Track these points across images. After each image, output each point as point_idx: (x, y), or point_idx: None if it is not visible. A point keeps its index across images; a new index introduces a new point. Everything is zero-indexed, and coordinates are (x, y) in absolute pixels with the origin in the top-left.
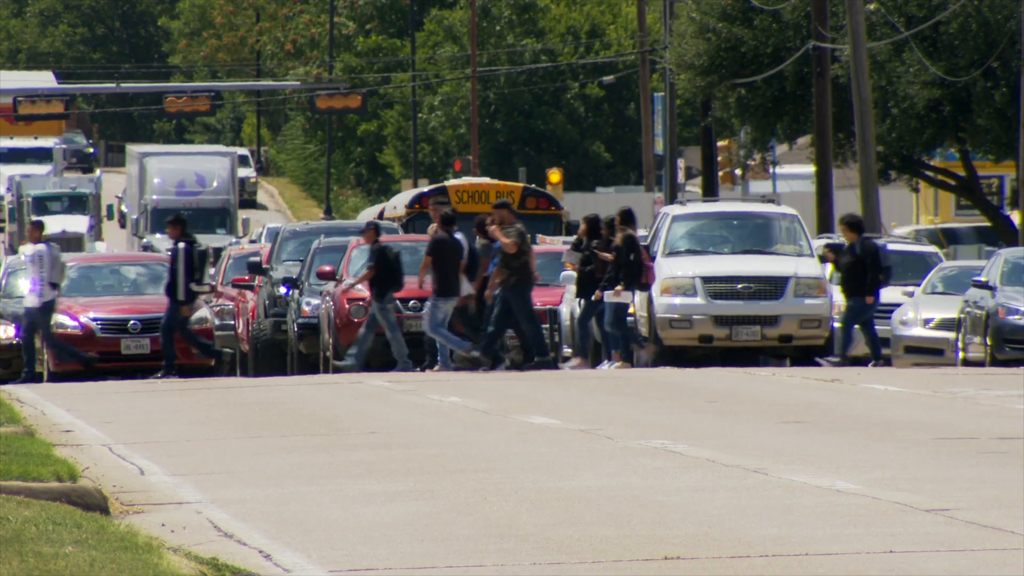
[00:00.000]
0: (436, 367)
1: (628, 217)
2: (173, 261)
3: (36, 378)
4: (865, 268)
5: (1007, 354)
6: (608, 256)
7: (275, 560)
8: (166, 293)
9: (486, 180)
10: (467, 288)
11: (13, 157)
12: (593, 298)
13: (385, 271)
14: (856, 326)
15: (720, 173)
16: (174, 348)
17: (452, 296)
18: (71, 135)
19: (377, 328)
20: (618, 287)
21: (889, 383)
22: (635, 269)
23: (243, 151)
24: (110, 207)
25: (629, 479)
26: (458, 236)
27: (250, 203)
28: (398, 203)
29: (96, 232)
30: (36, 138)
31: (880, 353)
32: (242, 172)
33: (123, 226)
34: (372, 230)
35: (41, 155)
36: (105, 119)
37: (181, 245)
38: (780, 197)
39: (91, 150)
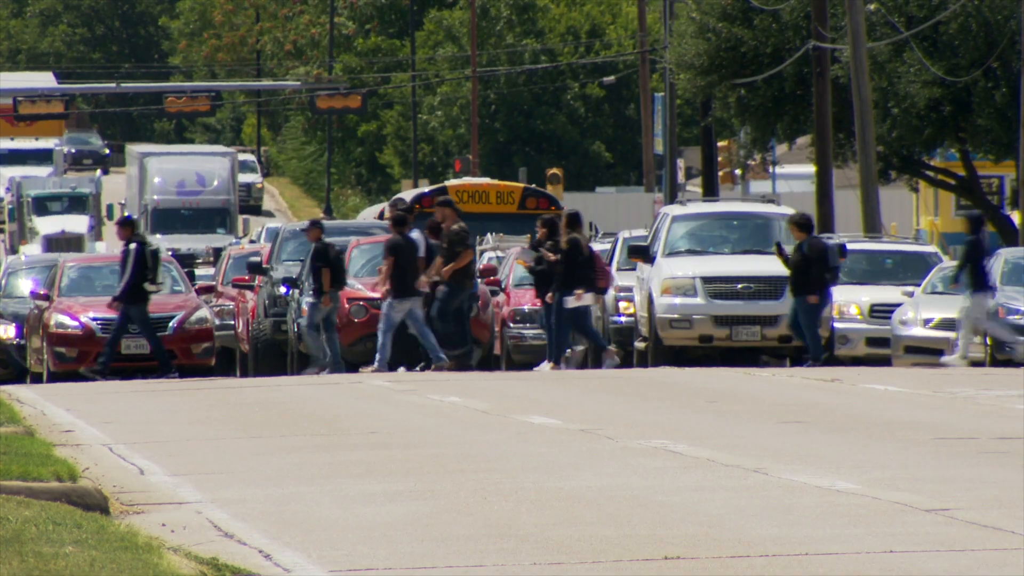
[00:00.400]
0: (373, 367)
1: (574, 220)
2: (123, 261)
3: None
4: (812, 267)
5: (1007, 354)
6: (551, 256)
7: (275, 560)
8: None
9: (486, 180)
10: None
11: (14, 159)
12: (548, 299)
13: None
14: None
15: (720, 173)
16: (164, 347)
17: (409, 297)
18: (86, 136)
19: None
20: (578, 291)
21: (889, 383)
22: (584, 272)
23: (249, 156)
24: (110, 207)
25: (629, 479)
26: (413, 236)
27: (256, 209)
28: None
29: (96, 232)
30: (37, 139)
31: (821, 354)
32: (248, 178)
33: None
34: (317, 228)
35: (41, 156)
36: (105, 119)
37: (132, 246)
38: (780, 197)
39: (107, 151)
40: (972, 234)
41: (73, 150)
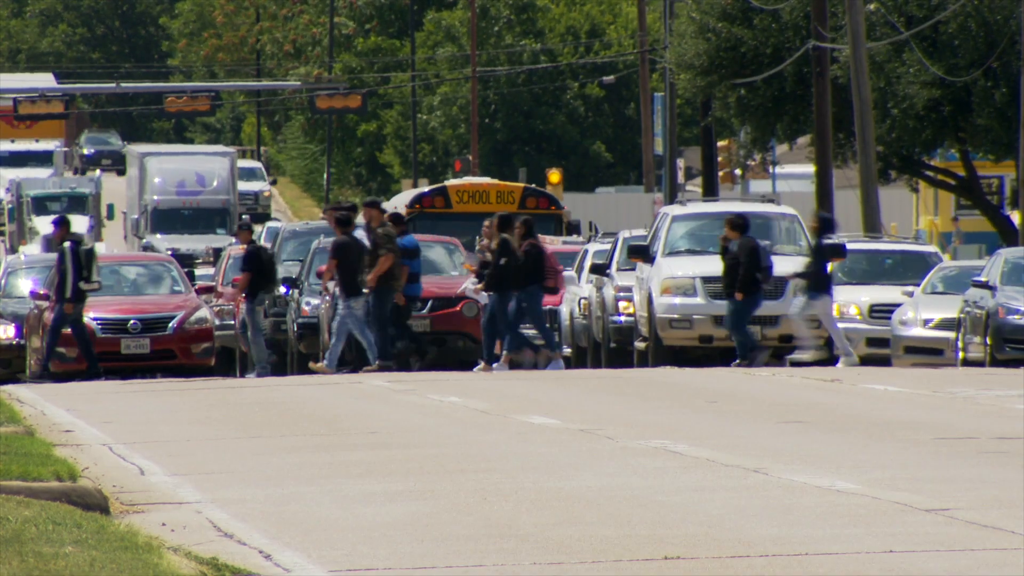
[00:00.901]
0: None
1: (504, 222)
2: (60, 261)
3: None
4: (741, 267)
5: (1007, 354)
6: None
7: (275, 560)
8: (55, 294)
9: (486, 180)
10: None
11: (14, 161)
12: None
13: (258, 273)
14: (746, 326)
15: (720, 173)
16: (56, 349)
17: (361, 295)
18: (106, 136)
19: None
20: (477, 285)
21: (889, 383)
22: (509, 271)
23: (256, 164)
24: (110, 207)
25: (629, 479)
26: (358, 235)
27: (264, 217)
28: (398, 203)
29: (96, 232)
30: (37, 141)
31: (747, 353)
32: (256, 186)
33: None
34: (246, 231)
35: (42, 158)
36: (105, 119)
37: (67, 245)
38: (780, 197)
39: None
40: (822, 235)
41: (92, 150)
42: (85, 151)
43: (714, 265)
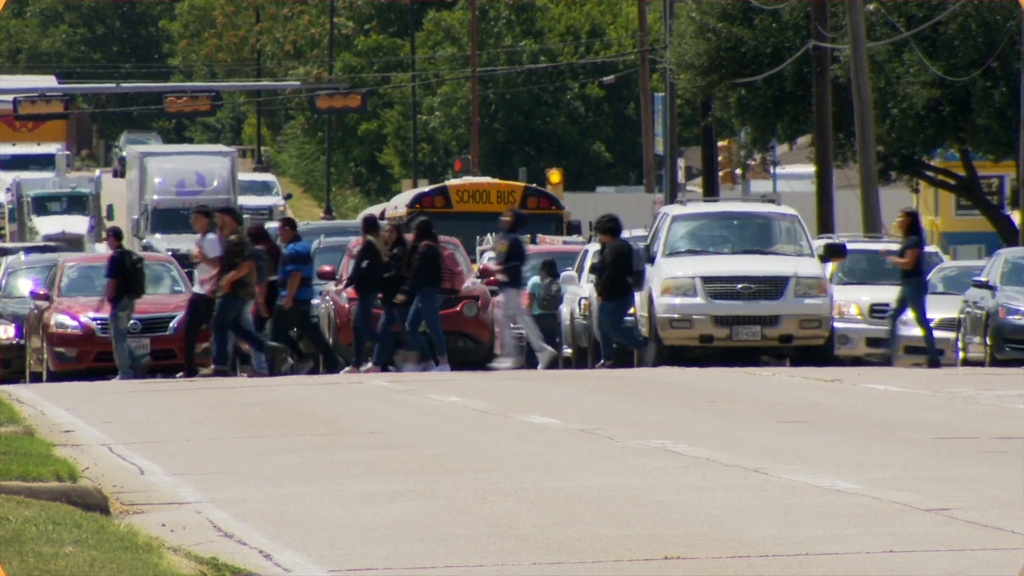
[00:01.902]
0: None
1: (370, 225)
2: None
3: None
4: (610, 270)
5: (1007, 354)
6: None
7: (275, 560)
8: None
9: (487, 180)
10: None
11: (15, 164)
12: (396, 300)
13: (123, 278)
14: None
15: (720, 173)
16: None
17: (250, 298)
18: (144, 137)
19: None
20: (347, 289)
21: (889, 383)
22: (376, 273)
23: (270, 177)
24: (110, 207)
25: (629, 479)
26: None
27: None
28: (399, 203)
29: (96, 232)
30: (39, 144)
31: (611, 355)
32: (271, 200)
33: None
34: (112, 236)
35: (43, 162)
36: (105, 119)
37: None
38: (780, 197)
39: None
40: (512, 231)
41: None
42: (124, 153)
43: (714, 265)
